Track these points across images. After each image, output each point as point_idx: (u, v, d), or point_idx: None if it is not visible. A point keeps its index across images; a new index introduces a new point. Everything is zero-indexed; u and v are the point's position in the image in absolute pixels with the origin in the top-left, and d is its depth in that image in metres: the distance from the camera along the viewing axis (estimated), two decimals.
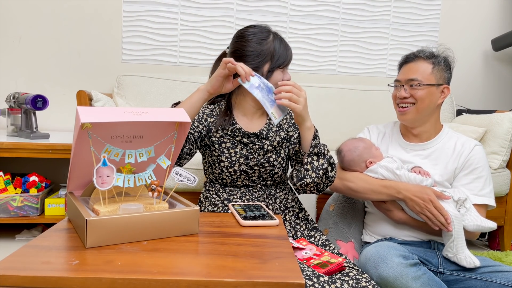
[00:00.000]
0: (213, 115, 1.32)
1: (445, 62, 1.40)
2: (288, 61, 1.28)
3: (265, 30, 1.28)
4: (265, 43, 1.25)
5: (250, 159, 1.28)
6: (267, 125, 1.33)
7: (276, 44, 1.26)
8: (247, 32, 1.27)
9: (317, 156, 1.19)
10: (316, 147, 1.19)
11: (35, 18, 2.44)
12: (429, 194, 1.26)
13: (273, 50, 1.25)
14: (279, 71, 1.26)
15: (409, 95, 1.37)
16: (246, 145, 1.29)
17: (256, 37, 1.26)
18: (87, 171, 0.90)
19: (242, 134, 1.28)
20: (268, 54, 1.24)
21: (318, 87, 2.56)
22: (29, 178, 2.01)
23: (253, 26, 1.29)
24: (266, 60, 1.24)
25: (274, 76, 1.25)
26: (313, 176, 1.18)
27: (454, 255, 1.26)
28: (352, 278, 1.04)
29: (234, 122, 1.29)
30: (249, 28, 1.29)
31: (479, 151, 1.38)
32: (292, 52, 1.30)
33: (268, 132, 1.31)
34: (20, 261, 0.70)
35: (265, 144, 1.30)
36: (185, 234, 0.87)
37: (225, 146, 1.28)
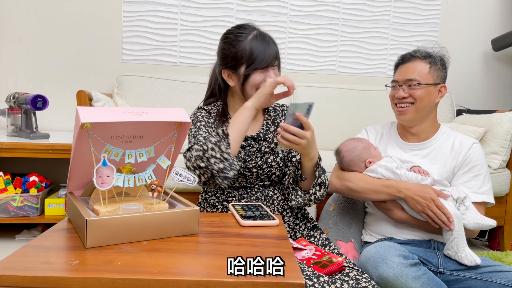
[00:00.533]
0: (211, 116, 1.30)
1: (441, 61, 1.40)
2: (267, 63, 1.21)
3: (246, 31, 1.23)
4: (240, 45, 1.21)
5: (248, 161, 1.27)
6: (264, 126, 1.32)
7: (254, 44, 1.20)
8: (229, 33, 1.26)
9: (319, 186, 1.22)
10: (319, 178, 1.21)
11: (35, 18, 2.44)
12: (431, 193, 1.26)
13: (248, 51, 1.19)
14: (258, 72, 1.21)
15: (407, 95, 1.38)
16: (243, 148, 1.28)
17: (232, 39, 1.23)
18: (87, 171, 0.90)
19: None
20: (242, 56, 1.20)
21: (318, 87, 2.56)
22: (29, 178, 2.01)
23: (238, 26, 1.26)
24: (241, 63, 1.21)
25: (252, 79, 1.21)
26: (312, 204, 1.25)
27: (455, 254, 1.26)
28: (352, 278, 1.04)
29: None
30: (233, 30, 1.26)
31: (477, 149, 1.38)
32: (275, 52, 1.23)
33: (266, 133, 1.31)
34: (20, 261, 0.70)
35: (262, 146, 1.29)
36: (185, 234, 0.87)
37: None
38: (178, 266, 0.72)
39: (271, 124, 1.34)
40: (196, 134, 1.21)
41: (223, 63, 1.26)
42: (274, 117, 1.36)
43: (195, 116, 1.29)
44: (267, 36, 1.25)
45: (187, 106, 2.35)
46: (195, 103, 2.36)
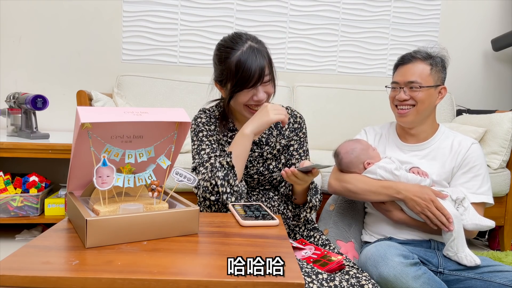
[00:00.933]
0: (211, 122, 1.27)
1: (442, 62, 1.40)
2: (253, 83, 1.14)
3: (237, 46, 1.16)
4: (226, 62, 1.15)
5: (250, 167, 1.26)
6: (267, 130, 1.30)
7: (239, 63, 1.13)
8: (222, 45, 1.20)
9: (310, 209, 1.22)
10: (310, 202, 1.20)
11: (35, 18, 2.44)
12: (430, 194, 1.26)
13: (233, 71, 1.14)
14: (245, 92, 1.16)
15: (408, 97, 1.37)
16: None
17: (221, 54, 1.18)
18: (87, 171, 0.90)
19: None
20: (228, 74, 1.16)
21: (318, 87, 2.56)
22: (29, 178, 2.01)
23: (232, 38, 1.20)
24: (227, 80, 1.17)
25: (238, 97, 1.17)
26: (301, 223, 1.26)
27: (454, 254, 1.26)
28: (352, 276, 1.04)
29: (234, 129, 1.28)
30: (227, 40, 1.20)
31: (476, 149, 1.38)
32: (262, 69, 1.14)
33: (268, 137, 1.29)
34: (20, 261, 0.70)
35: (265, 151, 1.28)
36: (185, 234, 0.87)
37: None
38: (178, 266, 0.72)
39: (274, 128, 1.32)
40: (199, 149, 1.21)
41: (214, 74, 1.24)
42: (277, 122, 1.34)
43: (196, 124, 1.27)
44: (256, 50, 1.16)
45: (187, 106, 2.35)
46: (195, 103, 2.38)
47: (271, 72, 1.20)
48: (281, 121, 1.16)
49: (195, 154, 1.23)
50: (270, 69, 1.19)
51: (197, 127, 1.25)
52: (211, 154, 1.18)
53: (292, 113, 1.36)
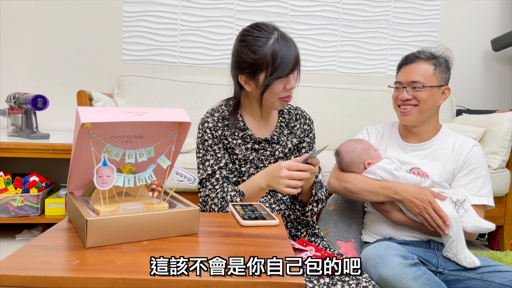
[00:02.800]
0: (218, 126, 1.25)
1: (445, 63, 1.39)
2: (289, 71, 1.14)
3: (267, 34, 1.15)
4: (260, 51, 1.13)
5: (261, 167, 1.25)
6: (278, 129, 1.30)
7: (276, 51, 1.13)
8: (248, 35, 1.17)
9: (316, 202, 1.22)
10: (315, 195, 1.20)
11: (35, 18, 2.44)
12: (428, 196, 1.25)
13: (270, 59, 1.13)
14: (279, 82, 1.15)
15: (411, 97, 1.37)
16: (257, 151, 1.26)
17: (253, 43, 1.15)
18: (87, 171, 0.90)
19: (254, 141, 1.26)
20: (262, 64, 1.13)
21: (318, 87, 2.56)
22: (29, 178, 2.01)
23: (258, 27, 1.17)
24: (261, 70, 1.15)
25: (273, 88, 1.16)
26: (309, 218, 1.25)
27: (454, 256, 1.26)
28: (352, 278, 1.04)
29: (245, 127, 1.27)
30: (252, 30, 1.18)
31: (478, 151, 1.38)
32: (297, 57, 1.16)
33: (279, 136, 1.29)
34: (20, 261, 0.70)
35: (276, 150, 1.27)
36: (185, 234, 0.87)
37: (236, 157, 1.25)
38: None
39: (285, 127, 1.32)
40: (204, 160, 1.23)
41: (240, 67, 1.18)
42: (288, 120, 1.33)
43: (203, 130, 1.24)
44: (288, 39, 1.16)
45: (187, 106, 2.35)
46: (195, 103, 2.38)
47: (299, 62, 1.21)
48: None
49: (199, 163, 1.24)
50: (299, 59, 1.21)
51: (204, 134, 1.24)
52: (215, 167, 1.21)
53: (302, 113, 1.37)
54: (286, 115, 1.34)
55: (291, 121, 1.33)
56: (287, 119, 1.33)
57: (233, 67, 1.23)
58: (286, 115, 1.34)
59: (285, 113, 1.34)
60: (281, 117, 1.33)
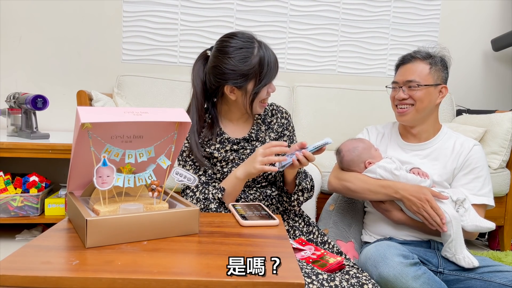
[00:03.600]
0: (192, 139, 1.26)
1: (442, 62, 1.40)
2: (274, 76, 1.20)
3: (249, 45, 1.17)
4: (249, 62, 1.16)
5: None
6: (255, 126, 1.31)
7: (262, 59, 1.16)
8: (229, 46, 1.18)
9: (301, 192, 1.23)
10: (299, 185, 1.22)
11: (35, 18, 2.44)
12: (426, 194, 1.26)
13: (257, 69, 1.16)
14: (265, 87, 1.20)
15: (407, 97, 1.37)
16: (236, 151, 1.27)
17: (238, 55, 1.16)
18: (87, 171, 0.90)
19: (232, 143, 1.27)
20: (252, 74, 1.17)
21: (318, 87, 2.56)
22: (29, 178, 2.01)
23: (235, 37, 1.19)
24: (250, 79, 1.18)
25: (260, 95, 1.20)
26: (297, 208, 1.27)
27: (453, 255, 1.26)
28: (352, 276, 1.04)
29: (221, 132, 1.28)
30: (231, 41, 1.18)
31: (478, 151, 1.38)
32: (276, 59, 1.21)
33: (258, 133, 1.30)
34: (20, 261, 0.70)
35: (256, 147, 1.28)
36: (185, 234, 0.87)
37: (217, 160, 1.26)
38: (178, 266, 0.72)
39: (262, 123, 1.33)
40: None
41: (225, 78, 1.19)
42: (264, 116, 1.35)
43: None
44: (264, 44, 1.21)
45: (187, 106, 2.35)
46: None
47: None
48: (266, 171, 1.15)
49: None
50: None
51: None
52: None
53: (278, 108, 1.38)
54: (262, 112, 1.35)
55: (267, 117, 1.35)
56: (262, 115, 1.35)
57: (216, 79, 1.21)
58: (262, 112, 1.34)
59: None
60: (256, 114, 1.34)
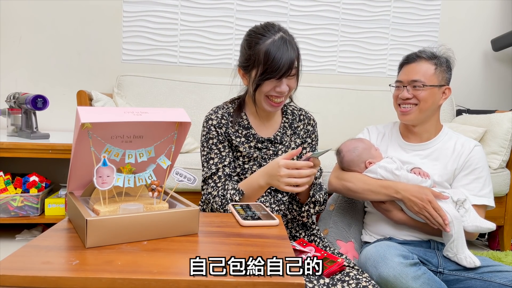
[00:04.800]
0: (222, 123, 1.25)
1: (447, 63, 1.39)
2: (280, 74, 1.13)
3: (269, 33, 1.15)
4: (255, 48, 1.14)
5: (263, 166, 1.25)
6: (281, 129, 1.30)
7: (269, 51, 1.12)
8: (253, 31, 1.20)
9: (313, 204, 1.22)
10: (313, 197, 1.21)
11: (35, 18, 2.44)
12: (427, 194, 1.25)
13: (261, 58, 1.13)
14: (270, 82, 1.15)
15: (411, 96, 1.37)
16: (260, 150, 1.27)
17: (252, 38, 1.17)
18: (87, 171, 0.90)
19: (257, 140, 1.26)
20: (255, 61, 1.15)
21: (318, 87, 2.57)
22: (29, 178, 2.01)
23: (265, 26, 1.18)
24: (252, 67, 1.17)
25: (262, 87, 1.17)
26: (305, 219, 1.25)
27: (454, 255, 1.26)
28: (353, 278, 1.04)
29: (248, 126, 1.27)
30: (259, 27, 1.20)
31: (479, 152, 1.38)
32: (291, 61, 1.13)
33: (282, 137, 1.30)
34: (20, 261, 0.70)
35: (279, 150, 1.28)
36: (185, 234, 0.87)
37: (240, 154, 1.26)
38: (178, 266, 0.72)
39: (288, 127, 1.32)
40: (208, 158, 1.23)
41: (239, 59, 1.24)
42: (292, 120, 1.33)
43: (207, 127, 1.24)
44: (287, 41, 1.15)
45: (187, 106, 2.35)
46: (195, 103, 2.38)
47: (298, 66, 1.20)
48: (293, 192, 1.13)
49: (204, 161, 1.25)
50: (298, 63, 1.19)
51: (208, 133, 1.24)
52: (219, 165, 1.21)
53: (306, 114, 1.37)
54: (289, 115, 1.34)
55: (294, 122, 1.34)
56: (290, 119, 1.34)
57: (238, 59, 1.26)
58: (289, 116, 1.34)
59: (289, 114, 1.35)
60: (284, 117, 1.33)
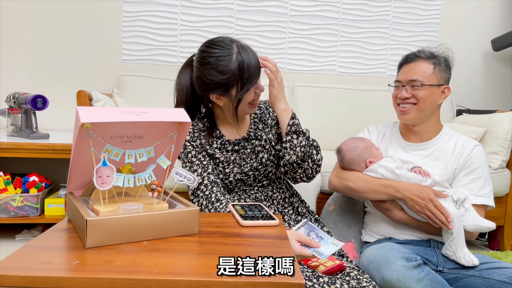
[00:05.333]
0: (195, 137, 1.26)
1: (445, 62, 1.40)
2: (256, 78, 1.17)
3: (227, 52, 1.15)
4: (227, 70, 1.14)
5: (244, 165, 1.27)
6: (253, 125, 1.32)
7: (241, 65, 1.14)
8: (209, 57, 1.16)
9: (296, 134, 1.21)
10: (293, 126, 1.21)
11: (35, 18, 2.44)
12: (429, 193, 1.26)
13: (238, 75, 1.14)
14: (250, 90, 1.18)
15: (410, 96, 1.37)
16: (237, 152, 1.28)
17: (217, 64, 1.15)
18: (87, 171, 0.90)
19: (232, 144, 1.27)
20: (232, 81, 1.15)
21: (318, 87, 2.56)
22: (29, 178, 2.01)
23: (214, 46, 1.17)
24: (232, 86, 1.16)
25: (245, 98, 1.18)
26: (291, 153, 1.20)
27: (453, 254, 1.26)
28: (353, 278, 1.04)
29: (221, 135, 1.28)
30: (209, 51, 1.17)
31: (479, 152, 1.38)
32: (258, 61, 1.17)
33: (256, 132, 1.31)
34: (20, 261, 0.70)
35: (256, 146, 1.29)
36: (185, 234, 0.87)
37: (219, 161, 1.26)
38: (178, 266, 0.72)
39: (259, 122, 1.33)
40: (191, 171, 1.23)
41: (209, 88, 1.18)
42: (260, 114, 1.35)
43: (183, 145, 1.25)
44: (246, 47, 1.18)
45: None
46: None
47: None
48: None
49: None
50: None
51: (185, 148, 1.25)
52: (203, 174, 1.21)
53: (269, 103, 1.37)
54: (257, 110, 1.36)
55: (263, 115, 1.35)
56: (259, 114, 1.35)
57: (201, 89, 1.21)
58: (257, 111, 1.35)
59: (256, 109, 1.34)
60: (253, 113, 1.34)
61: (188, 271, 0.70)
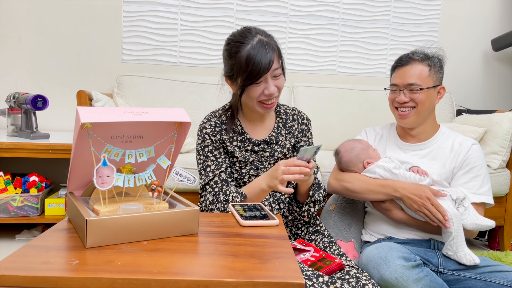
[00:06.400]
0: (216, 131, 1.26)
1: (439, 62, 1.40)
2: (262, 76, 1.15)
3: (247, 39, 1.16)
4: (236, 56, 1.15)
5: (261, 169, 1.26)
6: (276, 129, 1.31)
7: (249, 57, 1.13)
8: (230, 39, 1.20)
9: (313, 203, 1.24)
10: (312, 196, 1.22)
11: (35, 18, 2.44)
12: (426, 192, 1.26)
13: (243, 65, 1.14)
14: (255, 86, 1.17)
15: (409, 99, 1.37)
16: (256, 153, 1.27)
17: (230, 48, 1.18)
18: (87, 171, 0.90)
19: (253, 143, 1.27)
20: (238, 69, 1.16)
21: (318, 87, 2.56)
22: (29, 178, 2.01)
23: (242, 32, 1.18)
24: (237, 75, 1.17)
25: (249, 92, 1.18)
26: (306, 218, 1.27)
27: (454, 253, 1.26)
28: (352, 276, 1.04)
29: (243, 131, 1.28)
30: (237, 35, 1.19)
31: (477, 150, 1.38)
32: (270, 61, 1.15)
33: (278, 137, 1.30)
34: (20, 261, 0.70)
35: (275, 151, 1.28)
36: (185, 234, 0.87)
37: (237, 160, 1.26)
38: (178, 266, 0.72)
39: (283, 127, 1.32)
40: (205, 166, 1.24)
41: (224, 70, 1.24)
42: (285, 120, 1.34)
43: (202, 136, 1.26)
44: (265, 43, 1.16)
45: (187, 106, 2.35)
46: (195, 103, 2.38)
47: (282, 65, 1.20)
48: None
49: (201, 169, 1.25)
50: (280, 62, 1.20)
51: (203, 141, 1.26)
52: (216, 172, 1.22)
53: (299, 114, 1.37)
54: (283, 115, 1.35)
55: (288, 121, 1.34)
56: (284, 119, 1.34)
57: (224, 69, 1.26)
58: (283, 116, 1.35)
59: (282, 114, 1.35)
60: (278, 117, 1.34)
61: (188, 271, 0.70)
